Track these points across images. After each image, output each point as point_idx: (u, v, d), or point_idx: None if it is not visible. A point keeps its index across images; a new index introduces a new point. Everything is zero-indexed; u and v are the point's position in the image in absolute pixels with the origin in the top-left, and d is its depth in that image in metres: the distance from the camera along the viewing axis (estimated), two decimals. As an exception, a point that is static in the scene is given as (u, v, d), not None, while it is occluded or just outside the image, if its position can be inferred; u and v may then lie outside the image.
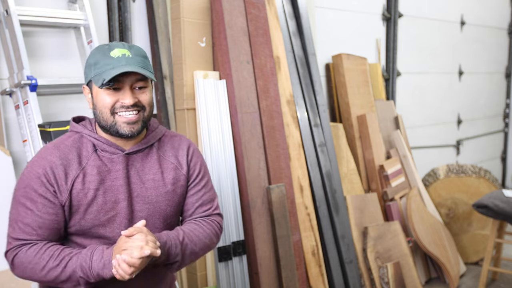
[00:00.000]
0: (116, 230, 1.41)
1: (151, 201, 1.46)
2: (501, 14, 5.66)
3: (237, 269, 2.51)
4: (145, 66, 1.38)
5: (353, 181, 3.38)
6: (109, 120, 1.37)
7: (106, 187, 1.40)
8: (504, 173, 6.08)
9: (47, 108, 2.27)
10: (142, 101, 1.40)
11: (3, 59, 2.19)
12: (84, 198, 1.38)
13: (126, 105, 1.36)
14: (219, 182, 2.49)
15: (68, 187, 1.36)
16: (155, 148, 1.51)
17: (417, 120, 4.61)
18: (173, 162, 1.52)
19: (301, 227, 2.82)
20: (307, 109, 3.06)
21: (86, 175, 1.39)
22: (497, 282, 3.68)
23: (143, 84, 1.40)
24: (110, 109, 1.37)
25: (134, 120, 1.38)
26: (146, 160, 1.48)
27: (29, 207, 1.34)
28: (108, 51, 1.36)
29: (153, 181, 1.47)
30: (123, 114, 1.37)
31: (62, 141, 1.42)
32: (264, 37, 2.80)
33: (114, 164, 1.42)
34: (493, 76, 5.69)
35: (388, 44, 4.22)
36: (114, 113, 1.37)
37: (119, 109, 1.37)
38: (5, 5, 2.08)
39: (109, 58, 1.34)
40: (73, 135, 1.44)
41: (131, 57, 1.36)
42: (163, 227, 1.50)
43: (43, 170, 1.35)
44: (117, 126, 1.37)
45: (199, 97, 2.50)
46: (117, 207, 1.41)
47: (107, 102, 1.36)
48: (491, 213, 3.22)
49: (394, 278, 3.13)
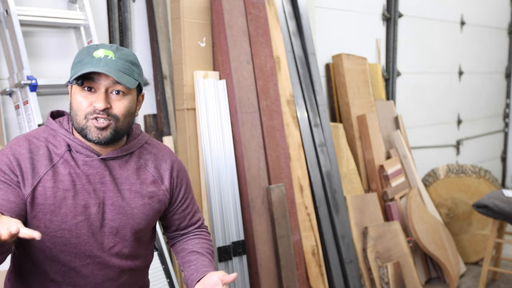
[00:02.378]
0: (83, 236, 1.33)
1: (125, 212, 1.38)
2: (501, 14, 5.66)
3: (237, 269, 2.51)
4: (128, 72, 1.30)
5: (353, 181, 3.38)
6: (81, 122, 1.30)
7: (77, 189, 1.32)
8: (504, 173, 6.08)
9: (47, 108, 2.27)
10: (115, 108, 1.30)
11: (3, 59, 2.19)
12: (52, 197, 1.29)
13: (97, 109, 1.27)
14: (219, 182, 2.49)
15: (33, 182, 1.28)
16: (136, 157, 1.43)
17: (417, 120, 4.61)
18: (153, 175, 1.44)
19: (301, 227, 2.82)
20: (307, 109, 3.06)
21: (56, 174, 1.31)
22: (497, 282, 3.68)
23: (122, 89, 1.30)
24: (83, 111, 1.29)
25: (102, 126, 1.29)
26: (124, 168, 1.39)
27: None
28: (93, 51, 1.29)
29: (129, 192, 1.39)
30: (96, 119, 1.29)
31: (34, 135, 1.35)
32: (264, 37, 2.80)
33: (87, 167, 1.34)
34: (493, 76, 5.69)
35: (388, 44, 4.22)
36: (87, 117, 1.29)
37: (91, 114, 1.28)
38: (5, 5, 2.08)
39: (91, 58, 1.28)
40: (47, 130, 1.37)
41: (113, 60, 1.28)
42: (133, 240, 1.42)
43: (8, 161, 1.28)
44: (87, 130, 1.29)
45: (199, 97, 2.50)
46: (86, 212, 1.33)
47: (81, 104, 1.29)
48: (491, 213, 3.22)
49: (394, 278, 3.13)
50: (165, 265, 2.33)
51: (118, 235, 1.38)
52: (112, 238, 1.37)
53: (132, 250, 1.42)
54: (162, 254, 2.34)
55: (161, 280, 2.30)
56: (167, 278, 2.32)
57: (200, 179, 2.52)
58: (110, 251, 1.38)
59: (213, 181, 2.47)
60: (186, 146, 2.52)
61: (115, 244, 1.38)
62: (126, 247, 1.40)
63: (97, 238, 1.35)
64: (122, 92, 1.30)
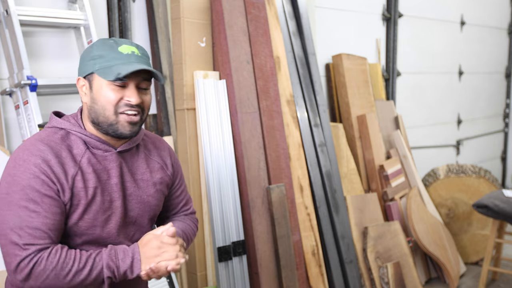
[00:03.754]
0: (112, 230, 1.37)
1: (142, 200, 1.44)
2: (501, 14, 5.66)
3: (237, 269, 2.51)
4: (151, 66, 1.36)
5: (353, 181, 3.38)
6: (110, 117, 1.31)
7: (102, 185, 1.35)
8: (504, 173, 6.08)
9: (47, 108, 2.27)
10: (144, 102, 1.36)
11: (3, 59, 2.19)
12: (85, 197, 1.31)
13: (131, 104, 1.31)
14: (219, 182, 2.49)
15: (69, 185, 1.28)
16: (141, 147, 1.49)
17: (417, 120, 4.61)
18: (159, 162, 1.51)
19: (301, 227, 2.82)
20: (307, 109, 3.06)
21: (83, 173, 1.31)
22: (497, 282, 3.68)
23: (146, 86, 1.36)
24: (114, 106, 1.30)
25: (135, 121, 1.34)
26: (134, 159, 1.45)
27: (34, 209, 1.23)
28: (116, 46, 1.31)
29: (142, 181, 1.45)
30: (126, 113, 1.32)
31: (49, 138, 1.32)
32: (264, 37, 2.80)
33: (107, 162, 1.36)
34: (493, 76, 5.69)
35: (388, 44, 4.22)
36: (117, 112, 1.31)
37: (123, 108, 1.31)
38: (5, 5, 2.08)
39: (118, 53, 1.30)
40: (58, 131, 1.35)
41: (140, 56, 1.33)
42: (149, 226, 1.50)
43: (41, 169, 1.25)
44: (118, 125, 1.32)
45: (199, 97, 2.50)
46: (112, 206, 1.37)
47: (111, 99, 1.30)
48: (491, 213, 3.22)
49: (394, 278, 3.13)
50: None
51: (137, 223, 1.44)
52: (132, 227, 1.43)
53: None
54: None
55: (161, 280, 2.30)
56: (167, 278, 2.32)
57: (200, 179, 2.52)
58: (131, 240, 1.44)
59: (213, 181, 2.47)
60: (186, 146, 2.52)
61: (134, 232, 1.45)
62: (143, 233, 1.46)
63: (122, 229, 1.40)
64: (146, 88, 1.36)
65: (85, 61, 1.34)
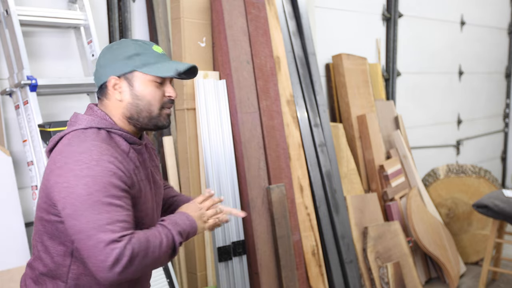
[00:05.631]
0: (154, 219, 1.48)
1: (160, 186, 1.55)
2: (501, 14, 5.66)
3: (237, 269, 2.51)
4: None
5: (353, 181, 3.38)
6: (154, 112, 1.41)
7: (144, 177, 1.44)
8: (504, 173, 6.08)
9: (47, 108, 2.27)
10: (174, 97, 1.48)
11: (3, 59, 2.19)
12: (140, 190, 1.40)
13: (173, 98, 1.44)
14: (219, 182, 2.49)
15: (136, 178, 1.37)
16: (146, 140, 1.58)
17: (417, 120, 4.61)
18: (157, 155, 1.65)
19: (301, 227, 2.82)
20: (307, 109, 3.06)
21: (135, 167, 1.40)
22: (497, 282, 3.68)
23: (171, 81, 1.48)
24: (160, 102, 1.41)
25: (170, 113, 1.46)
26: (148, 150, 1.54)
27: (118, 204, 1.27)
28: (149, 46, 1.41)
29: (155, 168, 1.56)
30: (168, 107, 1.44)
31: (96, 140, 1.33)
32: (264, 37, 2.80)
33: (140, 155, 1.45)
34: (493, 76, 5.69)
35: (388, 44, 4.22)
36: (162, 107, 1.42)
37: (167, 103, 1.43)
38: (5, 5, 2.08)
39: (154, 52, 1.40)
40: (97, 131, 1.37)
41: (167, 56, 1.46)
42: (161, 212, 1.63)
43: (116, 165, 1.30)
44: (160, 118, 1.42)
45: (199, 97, 2.50)
46: (151, 195, 1.47)
47: (158, 95, 1.40)
48: (491, 213, 3.22)
49: (394, 278, 3.13)
50: (165, 265, 2.33)
51: (158, 207, 1.55)
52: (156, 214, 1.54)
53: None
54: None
55: (161, 280, 2.30)
56: (167, 278, 2.32)
57: (200, 179, 2.52)
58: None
59: (213, 181, 2.47)
60: (186, 146, 2.52)
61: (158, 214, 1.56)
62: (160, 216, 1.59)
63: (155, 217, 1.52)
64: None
65: (117, 61, 1.38)
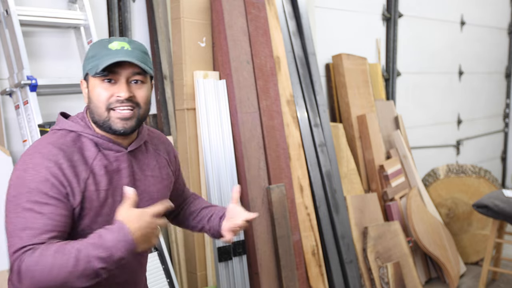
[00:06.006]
0: None
1: (153, 197, 1.45)
2: (501, 14, 5.66)
3: (237, 269, 2.51)
4: (144, 61, 1.33)
5: (353, 181, 3.38)
6: (103, 115, 1.31)
7: (114, 187, 1.35)
8: (504, 173, 6.08)
9: (47, 108, 2.27)
10: (138, 97, 1.34)
11: (3, 59, 2.19)
12: (97, 200, 1.31)
13: (121, 99, 1.30)
14: (219, 182, 2.49)
15: (81, 188, 1.28)
16: (149, 143, 1.50)
17: (417, 120, 4.61)
18: (165, 158, 1.54)
19: (301, 227, 2.82)
20: (307, 109, 3.06)
21: (95, 175, 1.31)
22: (497, 282, 3.68)
23: (140, 78, 1.34)
24: (105, 103, 1.30)
25: (127, 116, 1.31)
26: (144, 156, 1.46)
27: (39, 211, 1.22)
28: (107, 44, 1.31)
29: (152, 177, 1.46)
30: (118, 109, 1.31)
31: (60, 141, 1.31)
32: (264, 37, 2.80)
33: (119, 162, 1.37)
34: (493, 76, 5.69)
35: (388, 44, 4.22)
36: (109, 108, 1.31)
37: (114, 104, 1.30)
38: (5, 5, 2.08)
39: (107, 50, 1.30)
40: (67, 133, 1.34)
41: (131, 50, 1.31)
42: None
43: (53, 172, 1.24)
44: (110, 122, 1.31)
45: (199, 97, 2.50)
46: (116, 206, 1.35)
47: (102, 96, 1.30)
48: (491, 213, 3.22)
49: (394, 278, 3.13)
50: (165, 265, 2.33)
51: None
52: None
53: None
54: (162, 254, 2.34)
55: (161, 280, 2.30)
56: (167, 278, 2.32)
57: (200, 179, 2.52)
58: None
59: (213, 181, 2.47)
60: (186, 146, 2.52)
61: None
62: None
63: None
64: (141, 81, 1.34)
65: (84, 63, 1.36)
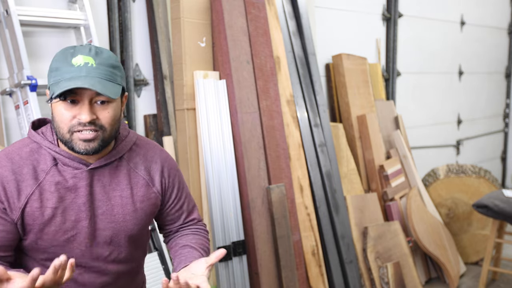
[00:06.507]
0: (75, 250, 1.30)
1: (117, 220, 1.34)
2: (501, 14, 5.66)
3: (237, 269, 2.51)
4: (111, 78, 1.21)
5: (353, 181, 3.38)
6: (65, 136, 1.22)
7: (66, 205, 1.27)
8: (504, 173, 6.08)
9: (47, 108, 2.27)
10: (102, 119, 1.23)
11: (3, 59, 2.19)
12: (41, 217, 1.24)
13: (83, 122, 1.20)
14: (219, 182, 2.49)
15: (20, 205, 1.23)
16: (125, 160, 1.37)
17: (417, 120, 4.61)
18: (144, 178, 1.39)
19: (301, 227, 2.82)
20: (307, 109, 3.06)
21: (43, 192, 1.24)
22: (497, 282, 3.68)
23: (105, 99, 1.22)
24: (67, 125, 1.21)
25: (89, 138, 1.22)
26: (114, 174, 1.34)
27: None
28: (71, 57, 1.20)
29: (120, 198, 1.34)
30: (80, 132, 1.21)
31: (17, 151, 1.27)
32: (264, 37, 2.80)
33: (77, 180, 1.27)
34: (493, 76, 5.69)
35: (388, 44, 4.22)
36: (71, 131, 1.21)
37: (76, 127, 1.21)
38: (5, 5, 2.08)
39: (70, 66, 1.19)
40: (30, 143, 1.29)
41: (95, 67, 1.19)
42: (128, 245, 1.39)
43: None
44: (73, 143, 1.22)
45: (199, 97, 2.50)
46: (77, 226, 1.29)
47: (64, 118, 1.21)
48: (491, 213, 3.22)
49: (394, 278, 3.13)
50: (165, 265, 2.33)
51: (113, 243, 1.35)
52: (106, 247, 1.34)
53: (129, 254, 1.41)
54: (162, 254, 2.34)
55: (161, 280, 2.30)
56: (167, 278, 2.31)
57: (200, 179, 2.52)
58: (106, 259, 1.36)
59: (213, 181, 2.47)
60: (186, 146, 2.52)
61: (111, 252, 1.36)
62: (122, 252, 1.38)
63: (92, 249, 1.32)
64: (107, 102, 1.23)
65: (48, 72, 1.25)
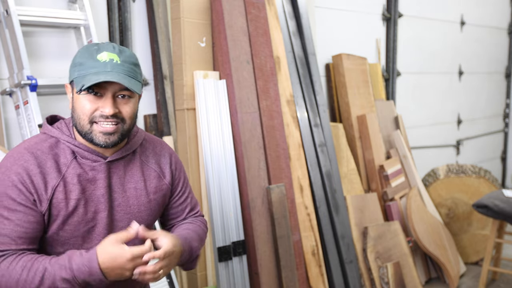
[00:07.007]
0: (94, 241, 1.35)
1: (132, 211, 1.41)
2: (501, 14, 5.66)
3: (237, 269, 2.51)
4: (133, 75, 1.29)
5: (353, 181, 3.38)
6: (85, 127, 1.28)
7: (87, 196, 1.32)
8: (504, 173, 6.08)
9: (47, 108, 2.27)
10: (124, 112, 1.30)
11: (3, 59, 2.19)
12: (65, 208, 1.30)
13: (106, 115, 1.27)
14: (219, 182, 2.49)
15: (48, 196, 1.27)
16: (138, 154, 1.45)
17: (417, 120, 4.61)
18: (155, 170, 1.48)
19: (301, 227, 2.82)
20: (307, 109, 3.06)
21: (66, 184, 1.30)
22: (497, 282, 3.68)
23: (127, 94, 1.30)
24: (89, 116, 1.27)
25: (110, 131, 1.29)
26: (128, 167, 1.41)
27: (7, 217, 1.23)
28: (96, 53, 1.27)
29: (135, 190, 1.41)
30: (101, 123, 1.28)
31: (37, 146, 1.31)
32: (264, 37, 2.80)
33: (95, 172, 1.33)
34: (493, 76, 5.69)
35: (388, 44, 4.22)
36: (93, 122, 1.28)
37: (98, 118, 1.27)
38: (5, 5, 2.08)
39: (95, 61, 1.25)
40: (48, 138, 1.34)
41: (119, 64, 1.26)
42: None
43: (20, 178, 1.25)
44: (93, 135, 1.29)
45: (199, 97, 2.50)
46: (97, 217, 1.35)
47: (86, 109, 1.27)
48: (491, 213, 3.22)
49: (394, 278, 3.13)
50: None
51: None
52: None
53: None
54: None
55: (161, 280, 2.30)
56: (167, 278, 2.32)
57: (200, 179, 2.52)
58: None
59: (213, 181, 2.47)
60: (186, 146, 2.52)
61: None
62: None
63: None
64: (128, 96, 1.31)
65: (70, 67, 1.32)
